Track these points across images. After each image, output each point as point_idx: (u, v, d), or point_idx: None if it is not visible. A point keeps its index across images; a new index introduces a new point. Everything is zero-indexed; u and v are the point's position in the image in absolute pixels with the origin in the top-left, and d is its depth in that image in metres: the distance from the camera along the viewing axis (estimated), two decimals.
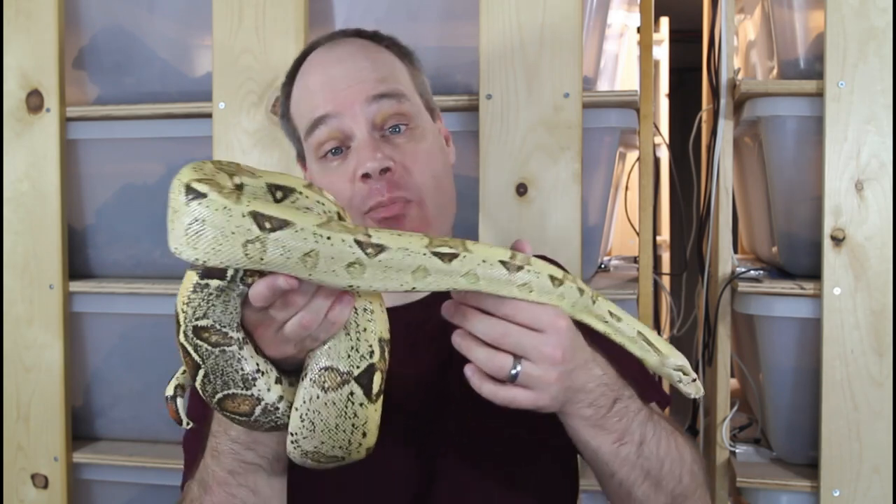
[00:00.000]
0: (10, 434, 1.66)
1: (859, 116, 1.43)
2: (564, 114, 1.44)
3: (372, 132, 1.01)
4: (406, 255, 0.73)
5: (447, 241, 0.75)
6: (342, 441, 0.80)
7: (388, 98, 1.01)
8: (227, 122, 1.55)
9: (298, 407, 0.80)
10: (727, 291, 1.60)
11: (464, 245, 0.75)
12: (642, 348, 0.86)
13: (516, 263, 0.77)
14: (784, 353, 1.54)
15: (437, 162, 1.05)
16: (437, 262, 0.74)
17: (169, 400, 0.88)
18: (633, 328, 0.86)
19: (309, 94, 1.05)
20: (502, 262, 0.76)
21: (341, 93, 1.01)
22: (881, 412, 1.43)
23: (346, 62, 1.04)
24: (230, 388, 0.78)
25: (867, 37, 1.42)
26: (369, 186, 0.99)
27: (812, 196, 1.50)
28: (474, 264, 0.75)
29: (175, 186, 0.70)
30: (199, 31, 1.65)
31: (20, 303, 1.65)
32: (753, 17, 1.83)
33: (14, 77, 1.64)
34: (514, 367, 0.77)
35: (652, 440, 0.89)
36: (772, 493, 1.51)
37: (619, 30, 1.76)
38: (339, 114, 1.01)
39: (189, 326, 0.76)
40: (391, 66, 1.06)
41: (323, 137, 1.02)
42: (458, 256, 0.75)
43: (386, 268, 0.72)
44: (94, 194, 1.71)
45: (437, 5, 1.58)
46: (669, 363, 0.87)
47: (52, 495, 1.65)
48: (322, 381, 0.78)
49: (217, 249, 0.68)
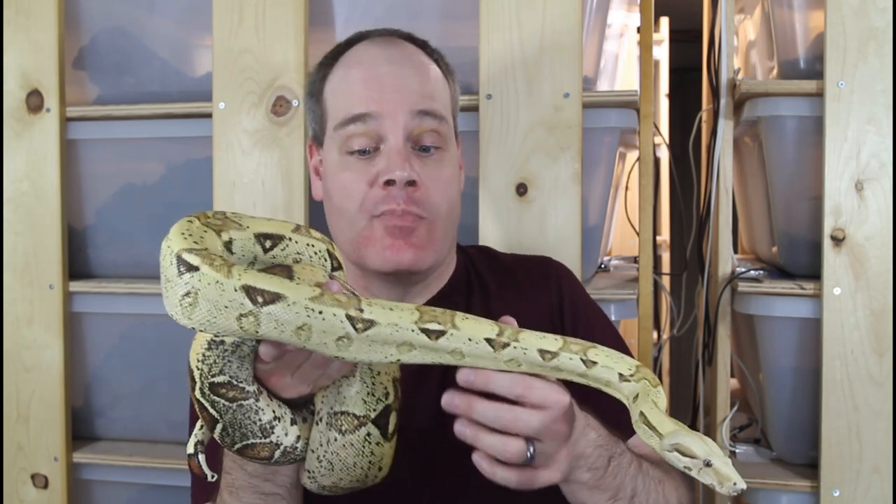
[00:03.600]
0: (10, 434, 1.66)
1: (859, 116, 1.43)
2: (564, 114, 1.44)
3: (406, 142, 0.99)
4: (395, 331, 0.73)
5: (437, 317, 0.75)
6: (359, 475, 0.82)
7: (431, 117, 1.01)
8: (227, 122, 1.55)
9: (315, 449, 0.81)
10: (727, 291, 1.60)
11: (452, 321, 0.75)
12: (644, 432, 0.76)
13: (503, 340, 0.76)
14: (784, 353, 1.54)
15: (454, 189, 1.05)
16: (424, 339, 0.74)
17: (190, 457, 0.88)
18: (637, 408, 0.77)
19: (351, 86, 1.02)
20: (488, 339, 0.76)
21: (388, 95, 0.99)
22: (881, 412, 1.43)
23: (397, 65, 1.02)
24: (249, 439, 0.79)
25: (867, 37, 1.42)
26: (388, 192, 0.98)
27: (812, 196, 1.50)
28: (460, 342, 0.75)
29: (166, 254, 0.70)
30: (199, 31, 1.65)
31: (20, 303, 1.65)
32: (753, 17, 1.83)
33: (14, 77, 1.64)
34: (528, 450, 0.77)
35: (642, 493, 0.90)
36: (772, 493, 1.51)
37: (619, 30, 1.76)
38: (380, 115, 0.99)
39: (206, 384, 0.77)
40: (439, 83, 1.05)
41: (357, 134, 1.00)
42: (445, 334, 0.74)
43: (372, 342, 0.72)
44: (94, 194, 1.71)
45: (437, 5, 1.58)
46: (668, 447, 0.73)
47: (52, 495, 1.65)
48: (339, 424, 0.80)
49: (212, 321, 0.69)
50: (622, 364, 0.79)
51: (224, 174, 1.55)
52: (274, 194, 1.53)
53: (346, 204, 1.01)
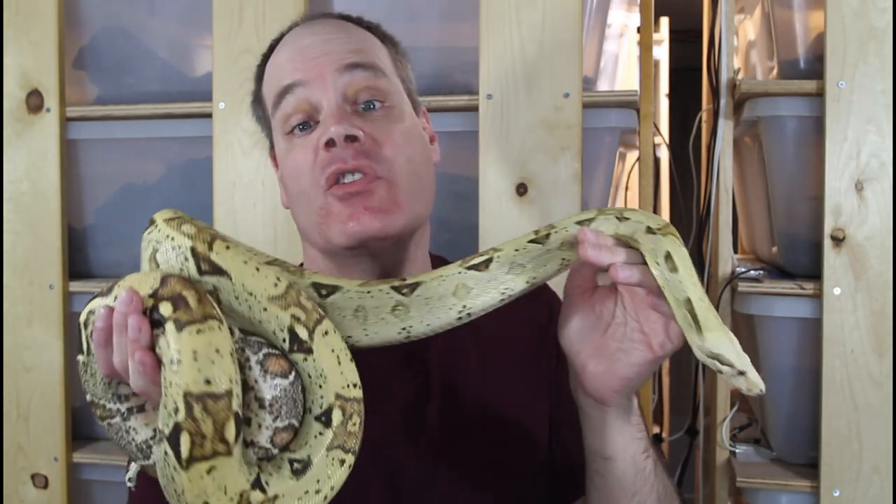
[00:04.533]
0: (10, 434, 1.66)
1: (859, 116, 1.43)
2: (564, 114, 1.44)
3: (342, 104, 0.90)
4: (441, 282, 0.76)
5: (477, 254, 0.77)
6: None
7: (362, 69, 0.91)
8: (227, 122, 1.55)
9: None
10: (727, 291, 1.60)
11: (492, 249, 0.76)
12: (685, 319, 0.72)
13: (545, 232, 0.77)
14: (784, 353, 1.54)
15: (414, 146, 0.93)
16: (475, 274, 0.76)
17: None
18: (684, 291, 0.72)
19: (277, 68, 0.95)
20: (532, 240, 0.77)
21: (311, 61, 0.92)
22: (881, 412, 1.43)
23: (320, 34, 0.94)
24: (139, 460, 0.76)
25: (867, 37, 1.42)
26: (331, 154, 0.88)
27: (812, 196, 1.50)
28: (510, 257, 0.76)
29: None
30: (199, 31, 1.65)
31: (20, 303, 1.65)
32: (753, 17, 1.83)
33: (14, 77, 1.64)
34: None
35: (660, 471, 0.90)
36: (772, 493, 1.51)
37: (619, 30, 1.76)
38: (307, 82, 0.91)
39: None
40: (369, 42, 0.97)
41: (289, 109, 0.92)
42: (493, 259, 0.76)
43: (427, 299, 0.76)
44: (94, 194, 1.71)
45: (437, 5, 1.58)
46: (705, 348, 0.71)
47: (52, 495, 1.65)
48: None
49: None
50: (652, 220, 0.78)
51: (224, 174, 1.55)
52: (274, 194, 1.53)
53: (300, 186, 0.92)
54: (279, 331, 0.70)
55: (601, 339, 0.80)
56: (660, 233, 0.73)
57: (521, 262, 0.77)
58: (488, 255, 0.76)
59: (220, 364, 0.65)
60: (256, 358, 0.70)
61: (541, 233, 0.77)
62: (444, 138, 1.50)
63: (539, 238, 0.77)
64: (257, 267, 0.70)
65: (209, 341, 0.65)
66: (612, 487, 0.87)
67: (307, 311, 0.70)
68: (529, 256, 0.77)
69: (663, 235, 0.73)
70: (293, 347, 0.70)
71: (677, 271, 0.71)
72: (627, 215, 0.76)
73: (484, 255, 0.77)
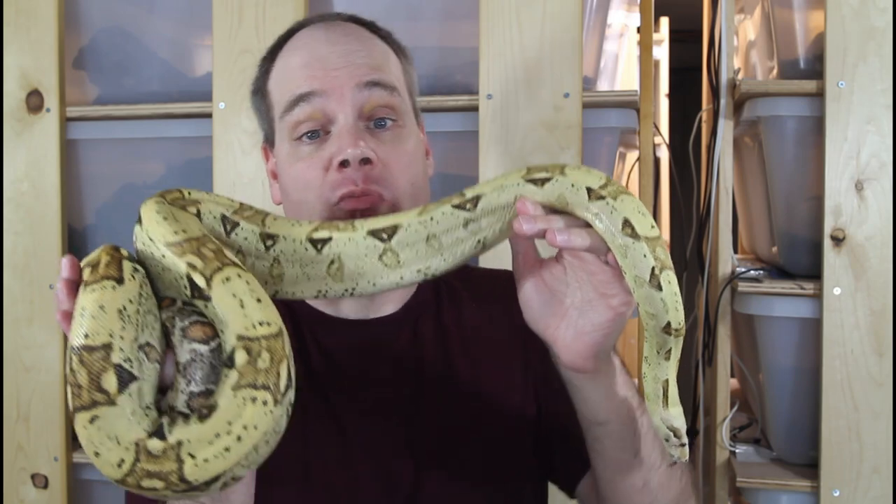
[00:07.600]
0: (10, 434, 1.66)
1: (859, 116, 1.43)
2: (564, 114, 1.44)
3: (357, 120, 0.91)
4: (501, 193, 0.76)
5: (546, 167, 0.76)
6: None
7: (380, 88, 0.92)
8: (227, 122, 1.55)
9: None
10: (727, 291, 1.60)
11: (561, 169, 0.75)
12: (655, 392, 0.78)
13: (599, 193, 0.73)
14: (784, 353, 1.54)
15: (417, 168, 0.96)
16: (532, 188, 0.75)
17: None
18: (666, 374, 0.77)
19: (292, 71, 0.95)
20: (588, 188, 0.73)
21: (331, 72, 0.91)
22: (881, 412, 1.43)
23: (339, 44, 0.94)
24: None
25: (867, 37, 1.42)
26: (343, 175, 0.89)
27: (812, 196, 1.50)
28: (564, 188, 0.74)
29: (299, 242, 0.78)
30: (199, 31, 1.65)
31: (20, 303, 1.65)
32: (753, 17, 1.83)
33: (14, 77, 1.64)
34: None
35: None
36: (772, 493, 1.51)
37: (619, 30, 1.76)
38: (324, 93, 0.91)
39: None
40: (387, 56, 0.98)
41: (302, 117, 0.92)
42: (551, 180, 0.75)
43: (493, 210, 0.76)
44: (94, 194, 1.71)
45: (437, 5, 1.58)
46: (667, 421, 0.77)
47: (52, 495, 1.65)
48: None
49: (361, 272, 0.77)
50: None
51: (224, 174, 1.55)
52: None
53: (304, 196, 0.92)
54: (179, 278, 0.70)
55: (562, 308, 0.80)
56: (608, 194, 0.72)
57: (567, 198, 0.75)
58: (553, 173, 0.74)
59: (102, 319, 0.68)
60: (182, 325, 0.70)
61: (598, 191, 0.74)
62: (444, 138, 1.51)
63: (592, 193, 0.74)
64: (166, 216, 0.73)
65: (96, 299, 0.68)
66: (613, 450, 0.88)
67: (206, 258, 0.69)
68: (574, 199, 0.74)
69: (613, 198, 0.72)
70: (194, 294, 0.69)
71: (668, 360, 0.77)
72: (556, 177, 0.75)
73: (549, 173, 0.75)
